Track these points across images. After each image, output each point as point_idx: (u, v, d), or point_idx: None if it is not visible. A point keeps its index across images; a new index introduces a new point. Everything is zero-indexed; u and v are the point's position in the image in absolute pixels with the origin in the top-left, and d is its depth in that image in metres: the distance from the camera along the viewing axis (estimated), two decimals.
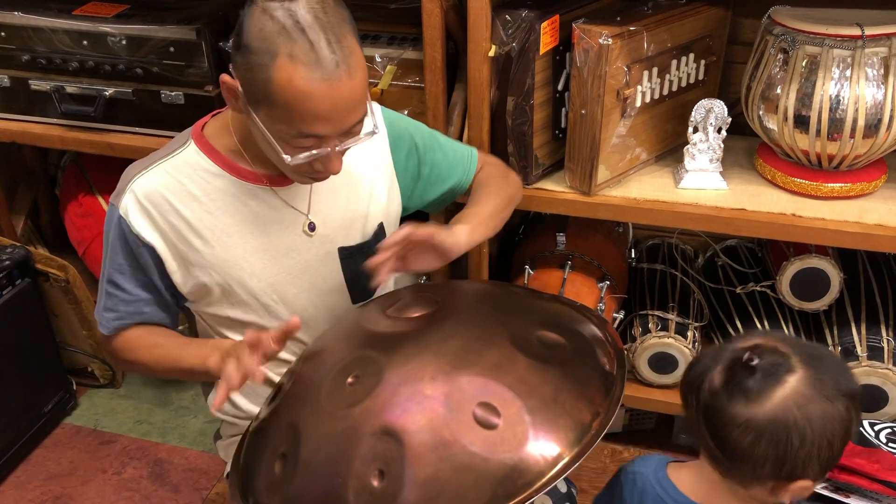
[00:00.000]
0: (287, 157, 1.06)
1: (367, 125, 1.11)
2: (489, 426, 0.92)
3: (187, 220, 1.17)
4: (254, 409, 1.36)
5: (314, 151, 1.06)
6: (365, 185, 1.29)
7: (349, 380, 1.00)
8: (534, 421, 0.93)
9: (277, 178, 1.20)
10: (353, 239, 1.29)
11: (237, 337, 1.26)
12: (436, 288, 1.21)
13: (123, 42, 1.83)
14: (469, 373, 0.96)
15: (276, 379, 1.30)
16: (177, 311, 1.30)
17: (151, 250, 1.18)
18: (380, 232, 1.32)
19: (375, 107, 1.31)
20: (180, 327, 1.32)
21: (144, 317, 1.25)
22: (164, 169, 1.18)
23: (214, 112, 1.25)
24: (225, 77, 1.07)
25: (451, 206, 1.51)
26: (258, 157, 1.18)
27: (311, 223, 1.24)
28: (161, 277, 1.21)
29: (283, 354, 1.27)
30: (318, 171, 1.11)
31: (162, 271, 1.20)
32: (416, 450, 0.91)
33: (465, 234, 1.20)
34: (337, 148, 1.08)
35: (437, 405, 0.93)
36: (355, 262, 1.29)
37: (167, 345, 1.24)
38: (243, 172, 1.19)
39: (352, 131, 1.08)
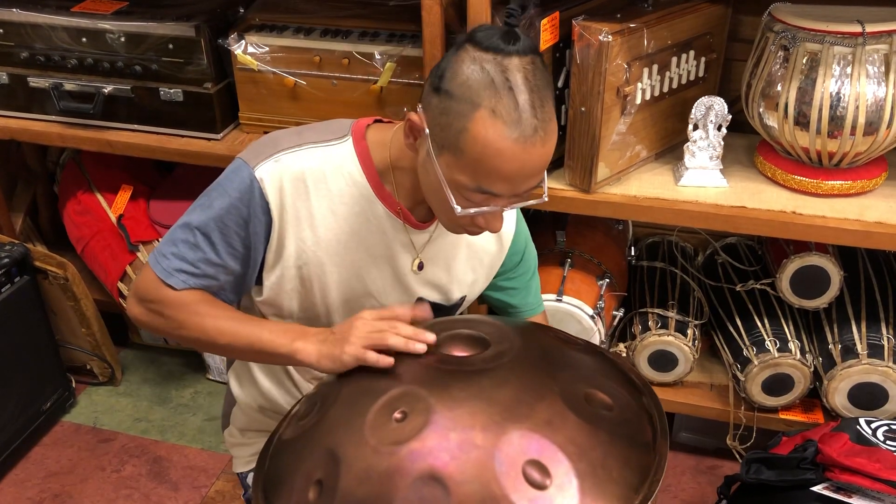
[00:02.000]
0: (458, 208, 1.04)
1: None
2: (539, 486, 0.90)
3: (311, 211, 1.14)
4: (277, 400, 1.34)
5: (485, 208, 1.04)
6: (475, 255, 1.28)
7: (396, 415, 0.97)
8: (582, 486, 0.90)
9: (411, 215, 1.18)
10: (438, 297, 1.28)
11: None
12: (481, 325, 1.18)
13: (122, 39, 1.83)
14: (521, 427, 0.94)
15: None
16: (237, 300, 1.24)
17: (269, 224, 1.13)
18: (459, 303, 1.31)
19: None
20: None
21: (217, 286, 1.16)
22: (314, 154, 1.14)
23: (376, 118, 1.21)
24: (413, 115, 1.04)
25: None
26: (402, 190, 1.16)
27: (420, 263, 1.22)
28: (259, 253, 1.16)
29: None
30: (477, 227, 1.09)
31: (264, 248, 1.15)
32: (461, 500, 0.89)
33: None
34: (507, 208, 1.07)
35: (488, 457, 0.91)
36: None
37: (238, 317, 1.16)
38: (385, 194, 1.15)
39: (525, 194, 1.06)
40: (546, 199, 1.11)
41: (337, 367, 1.06)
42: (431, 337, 1.04)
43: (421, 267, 1.22)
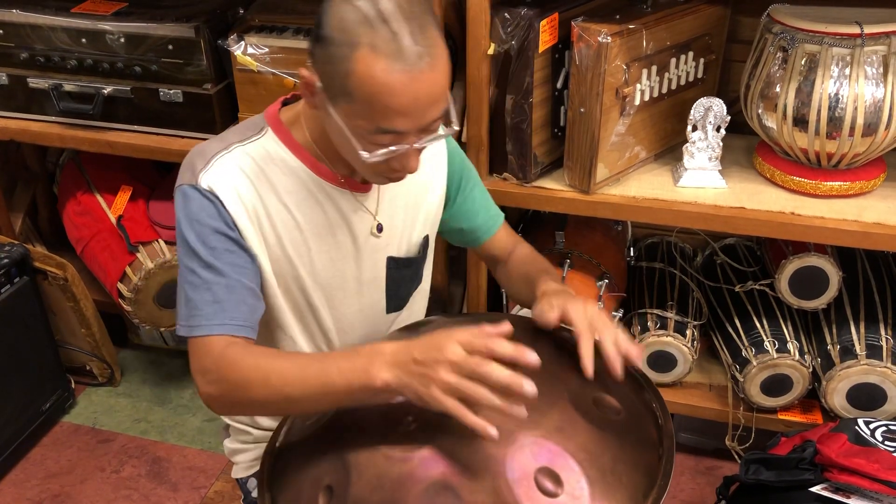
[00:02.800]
0: (364, 154, 1.01)
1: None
2: (550, 495, 0.90)
3: (266, 208, 1.12)
4: (270, 423, 1.33)
5: (392, 148, 1.01)
6: (421, 194, 1.26)
7: (408, 419, 0.97)
8: (593, 492, 0.91)
9: (353, 179, 1.16)
10: (402, 250, 1.27)
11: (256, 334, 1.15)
12: (487, 322, 1.17)
13: (122, 40, 1.83)
14: (532, 434, 0.94)
15: None
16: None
17: (240, 228, 1.10)
18: (424, 244, 1.30)
19: None
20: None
21: (248, 310, 1.08)
22: (244, 153, 1.12)
23: (282, 99, 1.18)
24: (303, 71, 1.02)
25: None
26: (332, 156, 1.13)
27: (378, 224, 1.21)
28: (251, 258, 1.11)
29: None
30: (395, 171, 1.06)
31: (249, 250, 1.11)
32: None
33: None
34: (416, 145, 1.03)
35: (500, 465, 0.91)
36: (399, 273, 1.27)
37: (293, 356, 1.06)
38: (322, 169, 1.14)
39: (431, 128, 1.03)
40: (457, 127, 1.07)
41: (419, 404, 0.94)
42: (534, 358, 0.91)
43: (380, 229, 1.22)
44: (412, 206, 1.26)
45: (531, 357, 0.91)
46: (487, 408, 0.89)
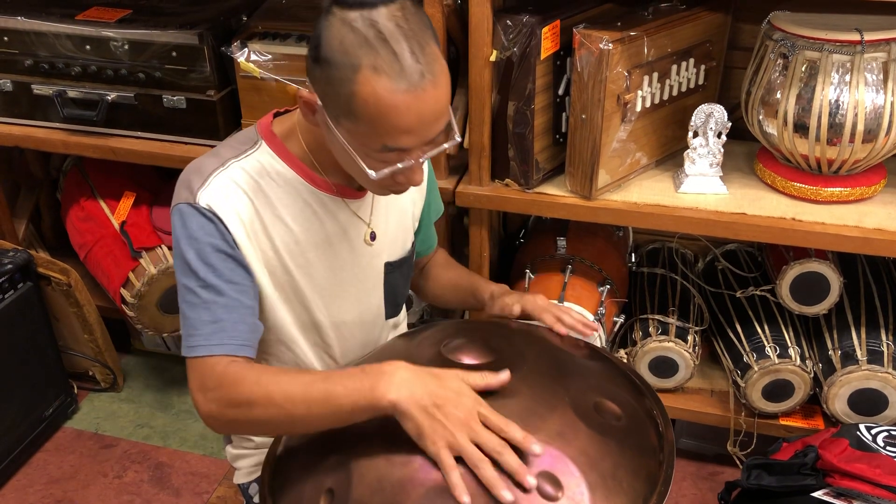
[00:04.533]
0: (371, 173, 1.02)
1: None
2: (551, 499, 0.90)
3: (264, 223, 1.13)
4: None
5: (399, 165, 1.02)
6: (407, 199, 1.29)
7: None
8: (593, 497, 0.91)
9: (347, 188, 1.17)
10: (397, 253, 1.28)
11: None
12: (488, 329, 1.18)
13: (126, 47, 1.84)
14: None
15: None
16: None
17: (239, 246, 1.10)
18: (412, 248, 1.32)
19: None
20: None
21: (247, 329, 1.08)
22: (240, 168, 1.11)
23: (275, 112, 1.19)
24: (302, 92, 1.02)
25: None
26: (328, 167, 1.14)
27: (372, 233, 1.22)
28: (250, 277, 1.11)
29: (315, 365, 1.27)
30: (400, 184, 1.08)
31: (248, 268, 1.11)
32: None
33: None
34: (421, 159, 1.03)
35: (499, 469, 0.91)
36: (394, 276, 1.29)
37: (296, 374, 1.03)
38: (317, 181, 1.15)
39: (435, 141, 1.04)
40: (459, 138, 1.08)
41: (417, 443, 0.95)
42: (533, 482, 0.91)
43: (374, 237, 1.23)
44: (402, 212, 1.28)
45: (507, 497, 0.89)
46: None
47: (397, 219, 1.27)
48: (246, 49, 1.78)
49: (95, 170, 2.21)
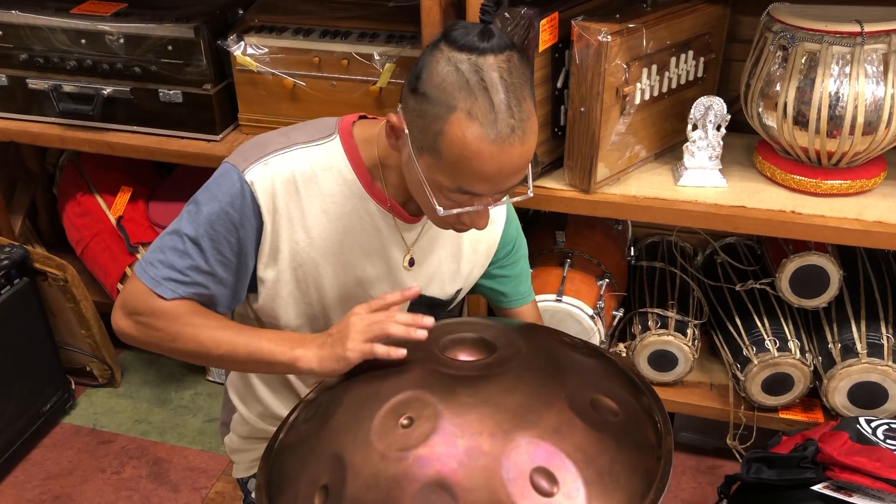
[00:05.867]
0: (440, 209, 1.04)
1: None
2: (546, 494, 0.90)
3: (303, 212, 1.13)
4: (278, 409, 1.33)
5: (467, 208, 1.04)
6: (467, 246, 1.27)
7: (403, 420, 0.97)
8: (589, 494, 0.91)
9: (402, 209, 1.17)
10: (431, 291, 1.27)
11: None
12: (487, 328, 1.18)
13: (121, 41, 1.83)
14: (529, 434, 0.94)
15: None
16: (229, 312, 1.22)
17: (259, 228, 1.12)
18: (455, 296, 1.31)
19: None
20: None
21: (208, 295, 1.14)
22: (304, 154, 1.13)
23: (361, 115, 1.20)
24: (392, 116, 1.04)
25: None
26: (391, 186, 1.15)
27: (411, 259, 1.22)
28: (250, 259, 1.14)
29: None
30: (463, 224, 1.08)
31: (255, 252, 1.14)
32: None
33: None
34: (490, 206, 1.06)
35: (495, 464, 0.91)
36: (419, 309, 1.27)
37: (234, 327, 1.14)
38: (376, 191, 1.15)
39: (508, 191, 1.06)
40: (531, 194, 1.11)
41: (342, 366, 1.05)
42: (430, 321, 1.04)
43: (412, 263, 1.22)
44: (453, 256, 1.27)
45: (419, 333, 1.04)
46: (394, 337, 1.03)
47: (440, 260, 1.26)
48: (242, 42, 1.77)
49: (92, 165, 2.21)
